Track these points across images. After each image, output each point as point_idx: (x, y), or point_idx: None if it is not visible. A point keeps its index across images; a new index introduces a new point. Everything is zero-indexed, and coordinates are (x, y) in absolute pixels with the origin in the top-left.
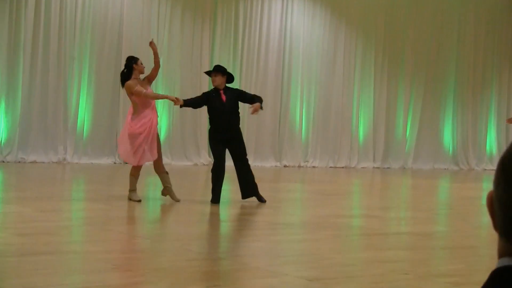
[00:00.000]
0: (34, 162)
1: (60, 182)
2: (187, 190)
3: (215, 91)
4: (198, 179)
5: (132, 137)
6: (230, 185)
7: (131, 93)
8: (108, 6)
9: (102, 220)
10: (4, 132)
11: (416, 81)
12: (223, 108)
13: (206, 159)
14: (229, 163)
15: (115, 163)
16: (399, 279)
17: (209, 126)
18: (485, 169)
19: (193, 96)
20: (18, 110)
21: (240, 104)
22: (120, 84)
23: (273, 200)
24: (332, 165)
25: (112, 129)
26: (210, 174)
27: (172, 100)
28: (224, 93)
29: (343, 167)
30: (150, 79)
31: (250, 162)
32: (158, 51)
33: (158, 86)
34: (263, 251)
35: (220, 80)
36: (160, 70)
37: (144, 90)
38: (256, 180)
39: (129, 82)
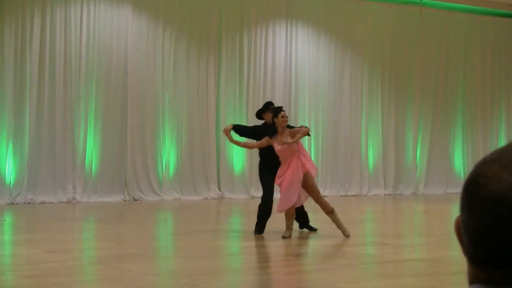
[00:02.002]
0: (44, 202)
1: (70, 221)
2: (196, 224)
3: (264, 125)
4: (209, 213)
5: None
6: (241, 218)
7: None
8: (113, 44)
9: (111, 259)
10: (12, 174)
11: (425, 106)
12: None
13: (215, 192)
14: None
15: (124, 200)
16: None
17: (260, 160)
18: None
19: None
20: (26, 151)
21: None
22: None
23: (283, 230)
24: (343, 194)
25: (121, 166)
26: (219, 208)
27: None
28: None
29: (354, 195)
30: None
31: (260, 193)
32: (164, 85)
33: (165, 120)
34: (274, 284)
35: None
36: (167, 103)
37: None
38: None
39: None
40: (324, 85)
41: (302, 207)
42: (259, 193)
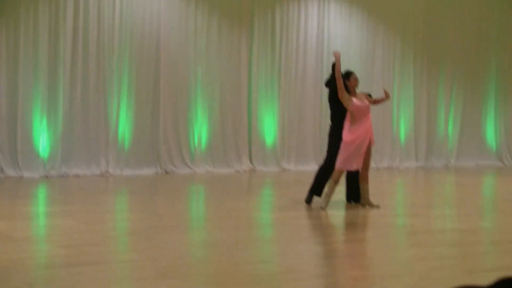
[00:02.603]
0: (77, 175)
1: (104, 194)
2: (230, 196)
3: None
4: (240, 186)
5: (345, 144)
6: (272, 190)
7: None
8: (145, 18)
9: (146, 230)
10: (46, 147)
11: (457, 78)
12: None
13: (247, 165)
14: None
15: (157, 173)
16: (447, 275)
17: (334, 126)
18: None
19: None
20: (59, 125)
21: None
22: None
23: (317, 202)
24: (375, 166)
25: (153, 139)
26: (251, 180)
27: None
28: None
29: (385, 168)
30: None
31: (291, 166)
32: (196, 60)
33: (198, 94)
34: (308, 253)
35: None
36: (199, 78)
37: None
38: (300, 184)
39: None
40: (356, 60)
41: (357, 181)
42: (291, 165)
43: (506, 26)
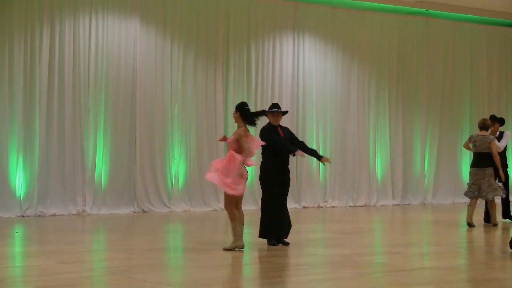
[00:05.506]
0: (54, 215)
1: (81, 233)
2: (207, 235)
3: (272, 127)
4: (218, 224)
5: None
6: (250, 228)
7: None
8: (121, 56)
9: (124, 269)
10: (23, 187)
11: (432, 115)
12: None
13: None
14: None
15: (134, 212)
16: None
17: (264, 163)
18: None
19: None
20: (36, 164)
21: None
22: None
23: (295, 241)
24: (352, 204)
25: (130, 178)
26: (229, 219)
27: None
28: (281, 130)
29: (362, 206)
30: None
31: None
32: (172, 97)
33: (174, 132)
34: None
35: (280, 118)
36: (175, 115)
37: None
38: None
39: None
40: (332, 95)
41: (288, 218)
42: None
43: (478, 61)
